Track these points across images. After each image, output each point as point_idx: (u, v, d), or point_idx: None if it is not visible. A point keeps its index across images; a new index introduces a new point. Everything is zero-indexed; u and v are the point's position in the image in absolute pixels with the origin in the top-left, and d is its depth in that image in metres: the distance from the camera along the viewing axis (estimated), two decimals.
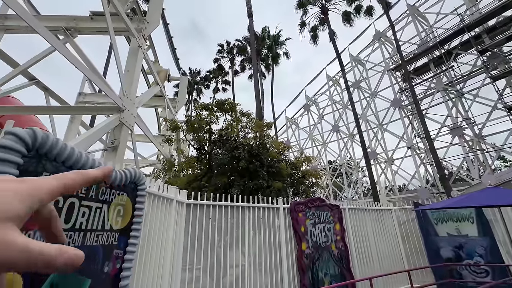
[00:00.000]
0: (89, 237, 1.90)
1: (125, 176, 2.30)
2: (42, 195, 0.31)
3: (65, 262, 0.28)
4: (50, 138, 1.59)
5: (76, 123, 8.40)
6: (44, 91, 7.54)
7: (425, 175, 19.67)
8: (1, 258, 0.25)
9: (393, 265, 6.08)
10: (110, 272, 2.12)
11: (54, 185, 0.33)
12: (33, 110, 6.34)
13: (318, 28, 22.43)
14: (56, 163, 1.68)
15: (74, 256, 0.29)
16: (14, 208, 0.28)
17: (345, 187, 25.02)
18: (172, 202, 3.56)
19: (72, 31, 6.39)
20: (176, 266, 3.51)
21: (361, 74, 25.09)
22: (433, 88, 19.46)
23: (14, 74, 5.71)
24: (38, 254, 0.27)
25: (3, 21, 5.99)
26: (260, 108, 16.97)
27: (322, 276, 4.91)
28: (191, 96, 33.50)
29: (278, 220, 5.00)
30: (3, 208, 0.27)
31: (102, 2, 5.19)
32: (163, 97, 10.23)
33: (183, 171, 8.01)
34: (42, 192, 0.31)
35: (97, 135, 4.82)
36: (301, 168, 8.53)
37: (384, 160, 21.48)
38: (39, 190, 0.31)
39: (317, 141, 28.10)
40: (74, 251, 0.29)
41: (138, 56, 6.40)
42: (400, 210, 6.99)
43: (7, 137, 1.39)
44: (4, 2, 3.53)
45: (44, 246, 0.28)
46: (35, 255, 0.27)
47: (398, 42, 16.73)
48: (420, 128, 17.96)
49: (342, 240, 5.53)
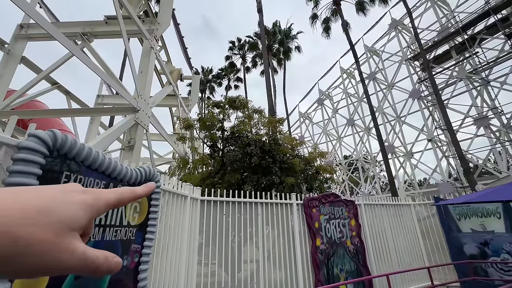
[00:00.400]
0: (108, 232, 2.00)
1: (140, 174, 2.39)
2: (101, 207, 0.33)
3: (108, 268, 0.31)
4: (69, 139, 1.69)
5: (96, 124, 8.79)
6: (66, 94, 7.93)
7: (447, 168, 18.77)
8: (64, 264, 0.28)
9: (412, 262, 5.90)
10: (129, 265, 2.22)
11: (111, 198, 0.35)
12: (57, 113, 6.71)
13: (331, 20, 21.82)
14: (76, 163, 1.78)
15: (115, 263, 0.32)
16: (80, 219, 0.30)
17: (362, 182, 24.44)
18: (187, 198, 3.65)
19: (88, 36, 6.65)
20: (192, 261, 3.62)
21: (377, 65, 24.17)
22: (455, 76, 18.40)
23: (38, 79, 6.05)
24: (91, 261, 0.30)
25: (26, 30, 6.35)
26: (272, 104, 16.88)
27: (337, 272, 4.87)
28: (204, 94, 33.91)
29: (292, 215, 4.99)
30: (72, 219, 0.30)
31: (114, 6, 5.35)
32: (176, 97, 10.43)
33: (197, 168, 8.17)
34: (101, 203, 0.34)
35: (114, 135, 5.02)
36: (314, 164, 8.43)
37: (403, 153, 20.71)
38: (99, 201, 0.33)
39: (332, 135, 27.55)
40: (115, 258, 0.32)
41: (150, 57, 6.56)
42: (419, 205, 6.74)
43: (30, 139, 1.48)
44: (25, 13, 3.74)
45: (95, 253, 0.31)
46: (89, 262, 0.29)
47: (416, 29, 15.92)
48: (441, 120, 17.10)
49: (358, 236, 5.44)
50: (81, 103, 8.25)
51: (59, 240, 0.28)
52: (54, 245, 0.27)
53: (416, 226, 6.40)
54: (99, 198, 0.34)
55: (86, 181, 1.83)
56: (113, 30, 6.66)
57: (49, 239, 0.27)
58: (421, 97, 19.72)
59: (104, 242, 1.93)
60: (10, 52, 6.01)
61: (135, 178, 2.30)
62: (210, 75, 34.94)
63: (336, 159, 26.62)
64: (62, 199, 0.30)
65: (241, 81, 32.74)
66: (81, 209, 0.31)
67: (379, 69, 23.76)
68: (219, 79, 34.82)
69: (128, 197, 0.39)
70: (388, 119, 22.22)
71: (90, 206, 0.32)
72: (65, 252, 0.28)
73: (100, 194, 0.34)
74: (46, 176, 1.55)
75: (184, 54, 15.13)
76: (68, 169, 1.72)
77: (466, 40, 17.25)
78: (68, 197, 0.31)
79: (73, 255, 0.28)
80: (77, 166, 1.79)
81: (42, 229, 0.27)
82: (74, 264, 0.28)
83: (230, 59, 31.93)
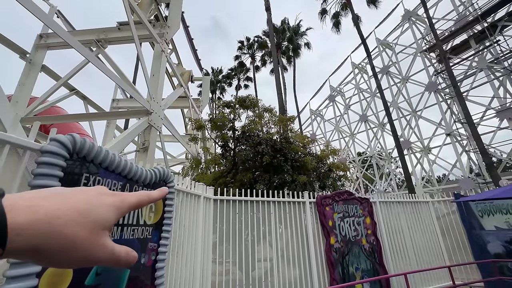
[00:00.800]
0: (126, 231, 2.07)
1: (155, 174, 2.46)
2: (125, 208, 0.39)
3: (127, 261, 0.37)
4: (87, 143, 1.76)
5: (112, 127, 9.10)
6: (83, 99, 8.27)
7: (468, 163, 17.92)
8: (96, 257, 0.34)
9: (432, 261, 5.71)
10: (146, 263, 2.29)
11: (134, 201, 0.40)
12: (76, 118, 7.00)
13: (340, 14, 21.38)
14: (94, 165, 1.86)
15: (133, 257, 0.38)
16: (111, 219, 0.36)
17: (377, 179, 23.82)
18: (200, 198, 3.71)
19: (102, 43, 6.88)
20: (207, 259, 3.68)
21: (390, 59, 23.42)
22: (474, 67, 17.52)
23: (57, 86, 6.33)
24: (117, 256, 0.36)
25: (45, 40, 6.66)
26: (282, 102, 16.78)
27: (353, 271, 4.79)
28: (214, 94, 34.25)
29: (305, 214, 4.96)
30: (104, 219, 0.35)
31: (126, 12, 5.50)
32: (188, 98, 10.61)
33: (209, 168, 8.28)
34: (126, 205, 0.39)
35: (129, 137, 5.18)
36: (327, 161, 8.32)
37: (420, 149, 19.99)
38: (124, 204, 0.39)
39: (344, 132, 27.01)
40: (132, 252, 0.38)
41: (162, 60, 6.71)
42: (438, 202, 6.50)
43: (52, 143, 1.56)
44: (44, 23, 3.93)
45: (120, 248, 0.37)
46: (115, 256, 0.35)
47: (431, 19, 15.29)
48: (461, 113, 16.35)
49: (374, 234, 5.32)
50: (98, 107, 8.57)
51: (94, 237, 0.33)
52: (91, 241, 0.33)
53: (435, 224, 6.17)
54: (125, 200, 0.39)
55: (104, 182, 1.90)
56: (125, 36, 6.86)
57: (87, 236, 0.32)
58: (438, 90, 18.93)
59: (123, 240, 2.01)
60: (32, 61, 6.33)
61: (150, 179, 2.37)
62: (220, 75, 35.25)
63: (350, 156, 26.10)
64: (96, 202, 0.35)
65: (251, 80, 32.81)
66: (111, 211, 0.36)
67: (393, 62, 23.02)
68: (229, 79, 35.06)
69: (145, 200, 0.43)
70: (403, 113, 21.49)
71: (118, 208, 0.37)
72: (98, 247, 0.33)
73: (125, 197, 0.40)
74: (66, 178, 1.63)
75: (194, 55, 15.33)
76: (87, 171, 1.80)
77: (486, 28, 16.36)
78: (101, 200, 0.36)
79: (104, 250, 0.34)
80: (95, 168, 1.87)
81: (82, 228, 0.32)
82: (104, 257, 0.34)
83: (239, 59, 32.05)
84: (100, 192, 0.37)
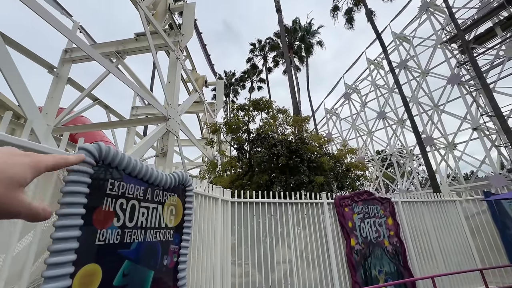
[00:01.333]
0: (149, 234, 2.16)
1: (174, 179, 2.54)
2: (42, 169, 0.44)
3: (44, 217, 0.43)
4: (112, 150, 1.86)
5: (132, 134, 9.49)
6: (105, 108, 8.70)
7: (498, 159, 16.75)
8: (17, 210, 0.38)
9: (462, 263, 5.39)
10: (169, 264, 2.37)
11: (50, 163, 0.46)
12: (99, 126, 7.38)
13: (353, 10, 20.94)
14: (118, 171, 1.96)
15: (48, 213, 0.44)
16: (26, 177, 0.41)
17: (398, 178, 22.89)
18: (218, 200, 3.77)
19: (121, 54, 7.23)
20: (226, 261, 3.72)
21: (408, 52, 22.51)
22: (502, 56, 16.40)
23: (82, 97, 6.72)
24: (35, 211, 0.41)
25: (70, 54, 7.11)
26: (296, 103, 16.65)
27: (375, 274, 4.64)
28: (228, 98, 34.67)
29: (323, 215, 4.88)
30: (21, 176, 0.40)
31: (143, 23, 5.75)
32: (203, 103, 10.83)
33: (226, 171, 8.38)
34: (42, 165, 0.44)
35: (149, 143, 5.38)
36: (344, 161, 8.14)
37: (444, 145, 18.98)
38: (40, 164, 0.44)
39: (362, 130, 26.26)
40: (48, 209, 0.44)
41: (177, 68, 6.92)
42: (467, 201, 6.14)
43: (80, 152, 1.67)
44: (68, 38, 4.21)
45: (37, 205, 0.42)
46: (32, 211, 0.41)
47: (451, 9, 14.56)
48: (488, 105, 15.35)
49: (396, 236, 5.13)
50: (119, 115, 8.98)
51: (10, 192, 0.37)
52: (8, 195, 0.37)
53: (464, 224, 5.83)
54: (40, 161, 0.44)
55: (127, 187, 2.00)
56: (142, 46, 7.15)
57: (3, 191, 0.37)
58: (462, 82, 17.91)
59: (146, 243, 2.09)
60: (59, 75, 6.77)
61: (170, 183, 2.46)
62: (233, 78, 35.64)
63: (368, 155, 25.32)
64: (11, 161, 0.40)
65: (264, 82, 32.88)
66: (27, 170, 0.41)
67: (410, 56, 22.11)
68: (242, 82, 35.35)
69: (62, 163, 0.50)
70: (424, 109, 20.53)
71: (33, 167, 0.42)
72: (16, 202, 0.38)
73: (40, 158, 0.45)
74: (93, 184, 1.73)
75: (207, 60, 15.64)
76: (111, 176, 1.90)
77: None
78: (14, 159, 0.41)
79: (22, 204, 0.39)
80: (118, 174, 1.97)
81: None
82: (23, 211, 0.39)
83: (252, 61, 32.25)
84: (13, 152, 0.42)
